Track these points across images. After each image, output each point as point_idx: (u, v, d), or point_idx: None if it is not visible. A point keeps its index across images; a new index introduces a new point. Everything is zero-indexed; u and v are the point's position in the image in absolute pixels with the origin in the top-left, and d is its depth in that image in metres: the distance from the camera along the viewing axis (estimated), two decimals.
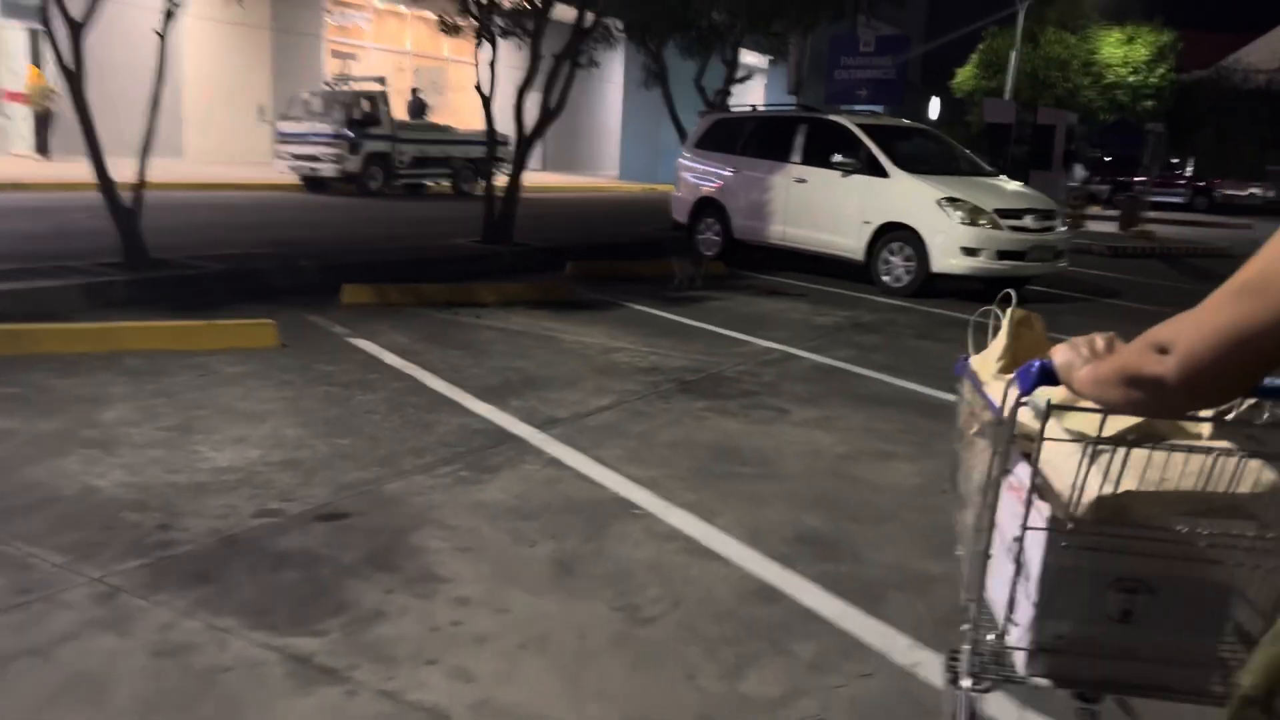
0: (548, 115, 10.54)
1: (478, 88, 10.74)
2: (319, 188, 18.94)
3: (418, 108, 22.00)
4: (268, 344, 5.71)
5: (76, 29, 6.89)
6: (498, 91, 10.18)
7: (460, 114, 27.34)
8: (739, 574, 3.07)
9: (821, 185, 10.32)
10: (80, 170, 7.55)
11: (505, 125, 10.90)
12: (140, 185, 7.48)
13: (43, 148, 18.38)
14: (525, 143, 10.75)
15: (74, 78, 6.94)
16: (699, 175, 11.83)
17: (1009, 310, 2.04)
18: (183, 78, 22.60)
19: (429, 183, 20.70)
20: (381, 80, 20.11)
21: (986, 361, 2.10)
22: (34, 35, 19.30)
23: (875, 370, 6.15)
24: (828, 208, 10.27)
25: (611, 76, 33.88)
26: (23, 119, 19.06)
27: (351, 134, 18.29)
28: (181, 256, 8.02)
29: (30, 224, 10.64)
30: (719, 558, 3.18)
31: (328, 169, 18.30)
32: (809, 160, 10.51)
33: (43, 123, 18.40)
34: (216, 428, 4.18)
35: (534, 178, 28.05)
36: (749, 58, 34.33)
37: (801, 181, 10.51)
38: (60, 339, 5.23)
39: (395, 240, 10.94)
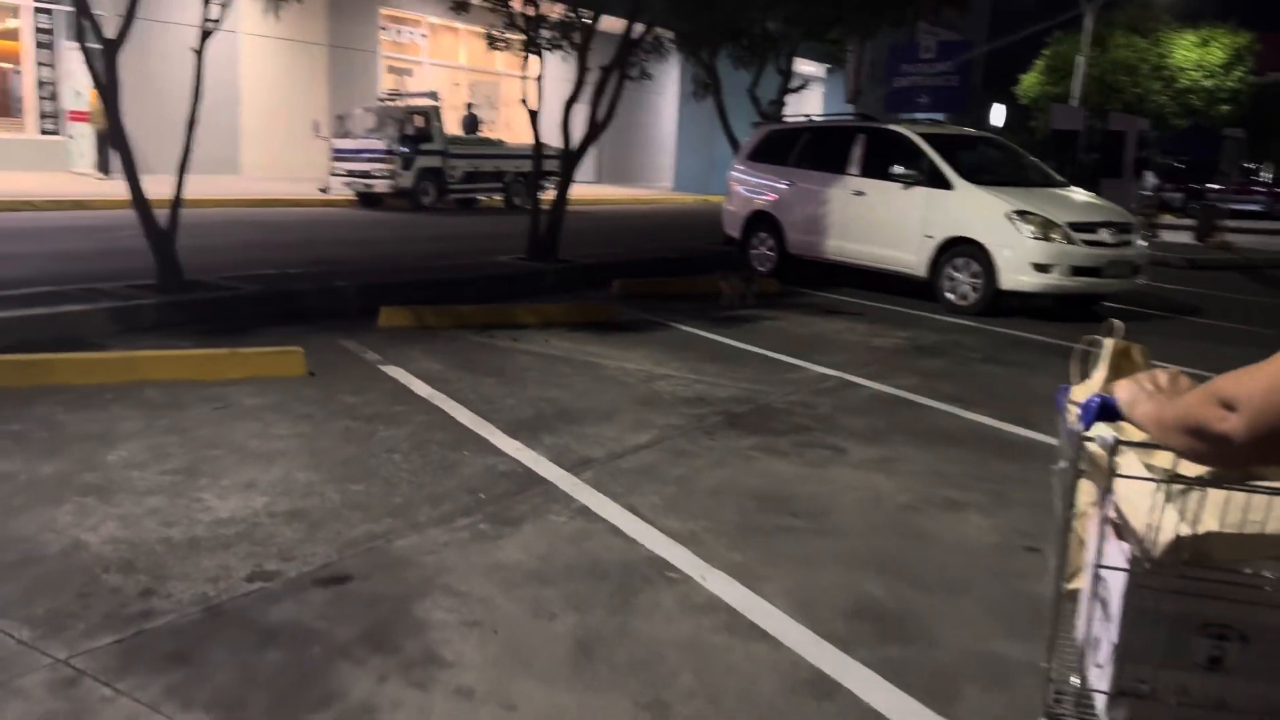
0: (595, 128, 10.21)
1: (523, 101, 10.49)
2: (373, 203, 18.91)
3: (471, 123, 21.92)
4: (294, 373, 5.44)
5: (110, 47, 6.71)
6: (551, 105, 9.87)
7: (515, 128, 27.25)
8: (788, 659, 2.65)
9: (881, 198, 9.84)
10: (152, 189, 7.39)
11: (556, 139, 10.59)
12: (176, 205, 7.29)
13: (103, 166, 18.57)
14: (572, 157, 10.44)
15: (109, 94, 6.77)
16: (752, 188, 11.42)
17: (1109, 339, 1.98)
18: (239, 95, 22.83)
19: (481, 197, 20.57)
20: (434, 95, 20.05)
21: (1085, 393, 1.90)
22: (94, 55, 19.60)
23: (941, 401, 5.68)
24: (887, 221, 9.79)
25: (666, 87, 33.61)
26: (85, 138, 19.33)
27: (404, 149, 18.22)
28: (217, 277, 7.83)
29: (78, 243, 10.61)
30: (765, 636, 2.77)
31: (381, 185, 18.25)
32: (867, 172, 10.03)
33: (103, 142, 18.58)
34: (225, 470, 3.89)
35: (587, 190, 27.87)
36: (806, 67, 33.90)
37: (859, 194, 10.04)
38: (74, 369, 5.01)
39: (440, 257, 10.71)
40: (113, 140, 6.89)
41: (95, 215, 14.03)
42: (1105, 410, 1.40)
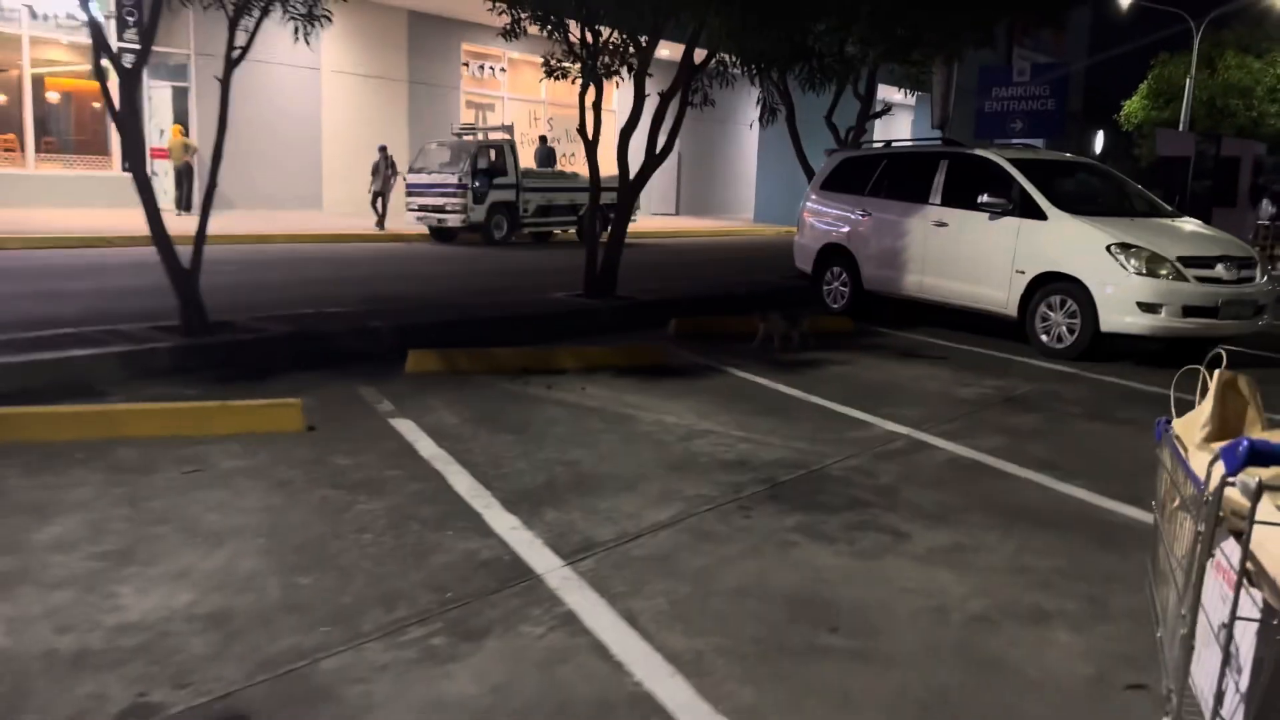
0: (654, 158, 9.61)
1: (580, 130, 9.95)
2: (446, 238, 18.70)
3: (546, 156, 21.62)
4: (290, 427, 4.91)
5: (130, 78, 6.38)
6: (633, 142, 9.28)
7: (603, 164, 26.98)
8: None
9: (965, 229, 8.97)
10: (212, 225, 7.09)
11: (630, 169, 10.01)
12: (199, 243, 6.91)
13: (183, 203, 18.78)
14: (631, 189, 9.84)
15: (129, 125, 6.43)
16: (825, 219, 10.65)
17: (1216, 372, 1.95)
18: (320, 131, 23.04)
19: (556, 231, 20.20)
20: (508, 129, 19.81)
21: (1190, 427, 2.02)
22: (175, 93, 19.96)
23: (1032, 468, 4.82)
24: (973, 255, 8.90)
25: (747, 117, 33.02)
26: (166, 175, 19.63)
27: (476, 184, 17.97)
28: (249, 317, 7.42)
29: (134, 279, 10.42)
30: None
31: (453, 219, 18.03)
32: (950, 201, 9.18)
33: (181, 179, 18.82)
34: (163, 554, 3.32)
35: (664, 223, 27.39)
36: (895, 95, 32.90)
37: (942, 225, 9.18)
38: (46, 425, 4.55)
39: (497, 294, 10.23)
40: (134, 172, 6.52)
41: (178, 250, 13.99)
42: (1254, 455, 1.35)
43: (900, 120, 36.13)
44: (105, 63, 6.39)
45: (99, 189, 19.38)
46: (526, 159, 21.01)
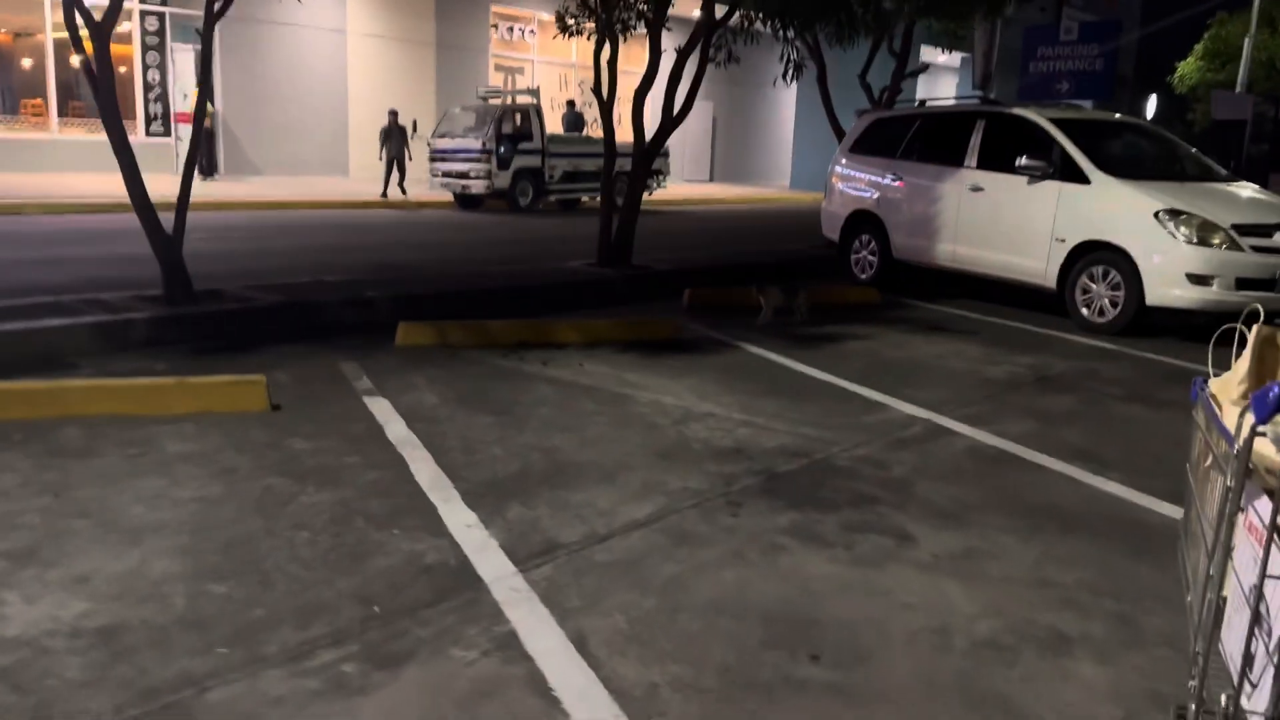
0: (670, 120, 9.12)
1: (595, 90, 9.48)
2: (471, 205, 18.32)
3: (574, 121, 21.11)
4: (253, 407, 4.56)
5: (102, 32, 6.01)
6: (651, 99, 8.77)
7: (626, 126, 26.40)
8: None
9: (1002, 194, 8.40)
10: (233, 190, 6.75)
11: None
12: (181, 209, 6.57)
13: (206, 169, 18.52)
14: (647, 152, 9.37)
15: (101, 79, 6.08)
16: (853, 184, 10.10)
17: (1255, 328, 1.90)
18: (346, 96, 22.70)
19: (583, 198, 19.73)
20: (534, 93, 19.31)
21: (1227, 386, 1.97)
22: (198, 56, 19.69)
23: (1063, 458, 4.35)
24: (1009, 222, 8.34)
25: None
26: (189, 140, 19.41)
27: (501, 149, 17.55)
28: (239, 286, 7.10)
29: (134, 246, 10.08)
30: None
31: (477, 186, 17.63)
32: (986, 164, 8.60)
33: (202, 142, 18.48)
34: (70, 554, 2.98)
35: (694, 189, 26.78)
36: (941, 57, 31.86)
37: (977, 190, 8.61)
38: None
39: (508, 263, 9.84)
40: (110, 133, 6.17)
41: (196, 216, 13.68)
42: None
43: (944, 81, 35.10)
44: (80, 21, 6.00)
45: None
46: (555, 124, 20.53)
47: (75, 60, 21.53)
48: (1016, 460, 4.34)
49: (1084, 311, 7.73)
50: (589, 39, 9.74)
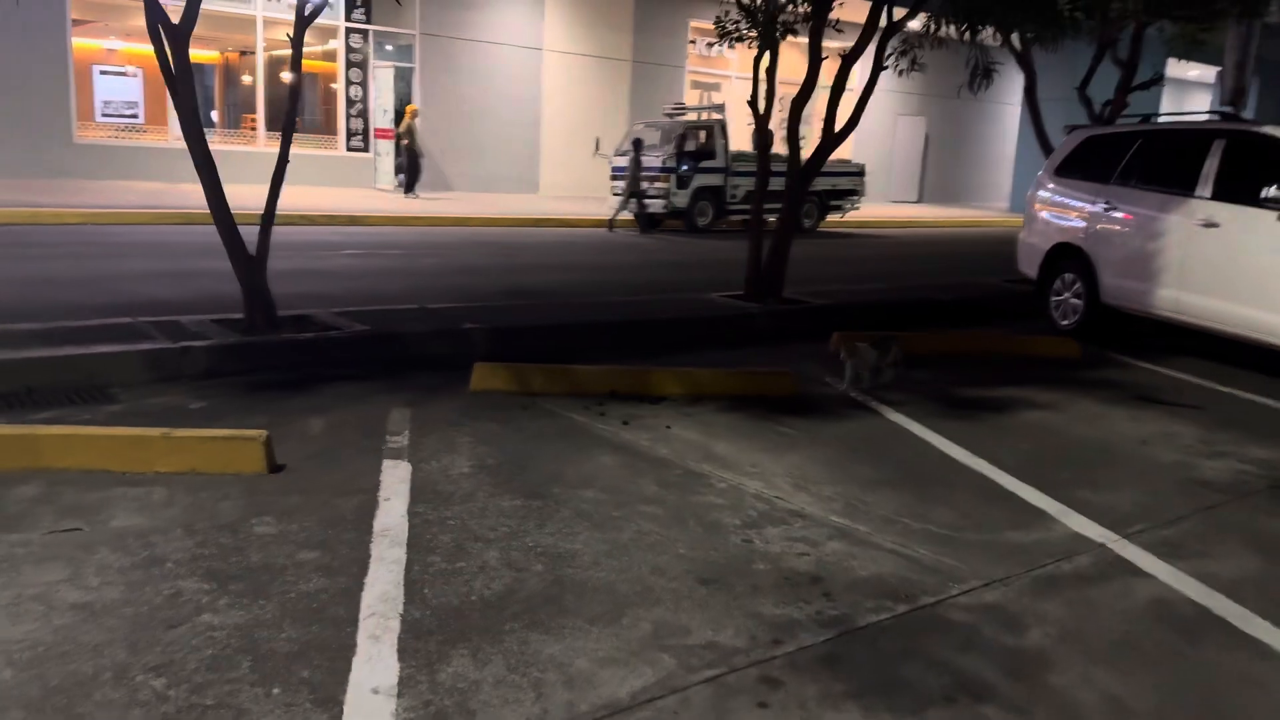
0: (833, 136, 7.95)
1: (750, 103, 8.49)
2: (650, 224, 17.63)
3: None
4: (249, 468, 3.85)
5: (179, 35, 5.57)
6: (873, 118, 7.69)
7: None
8: None
9: (1243, 232, 6.69)
10: (411, 205, 6.38)
11: (869, 152, 8.44)
12: (266, 228, 6.08)
13: (408, 186, 18.42)
14: (803, 172, 8.25)
15: (181, 84, 5.65)
16: (1058, 212, 8.53)
17: None
18: (540, 114, 22.63)
19: (769, 218, 18.58)
20: (719, 108, 18.42)
21: None
22: (398, 73, 20.07)
23: None
24: (1252, 266, 6.62)
25: (1010, 95, 29.69)
26: (388, 155, 19.80)
27: (682, 167, 16.77)
28: (331, 312, 6.57)
29: (280, 261, 9.92)
30: None
31: (654, 205, 16.90)
32: (1224, 194, 6.90)
33: (408, 160, 18.53)
34: None
35: (898, 211, 25.03)
36: (1191, 71, 28.46)
37: (1210, 225, 6.92)
38: None
39: (648, 290, 8.98)
40: (189, 144, 5.73)
41: (366, 231, 13.75)
42: None
43: (1195, 99, 31.44)
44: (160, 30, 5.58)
45: (325, 168, 19.86)
46: (744, 141, 19.55)
47: (286, 76, 22.62)
48: (1226, 629, 2.97)
49: None
50: (750, 47, 8.76)
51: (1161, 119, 8.45)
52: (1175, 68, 26.80)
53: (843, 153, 8.59)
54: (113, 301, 6.96)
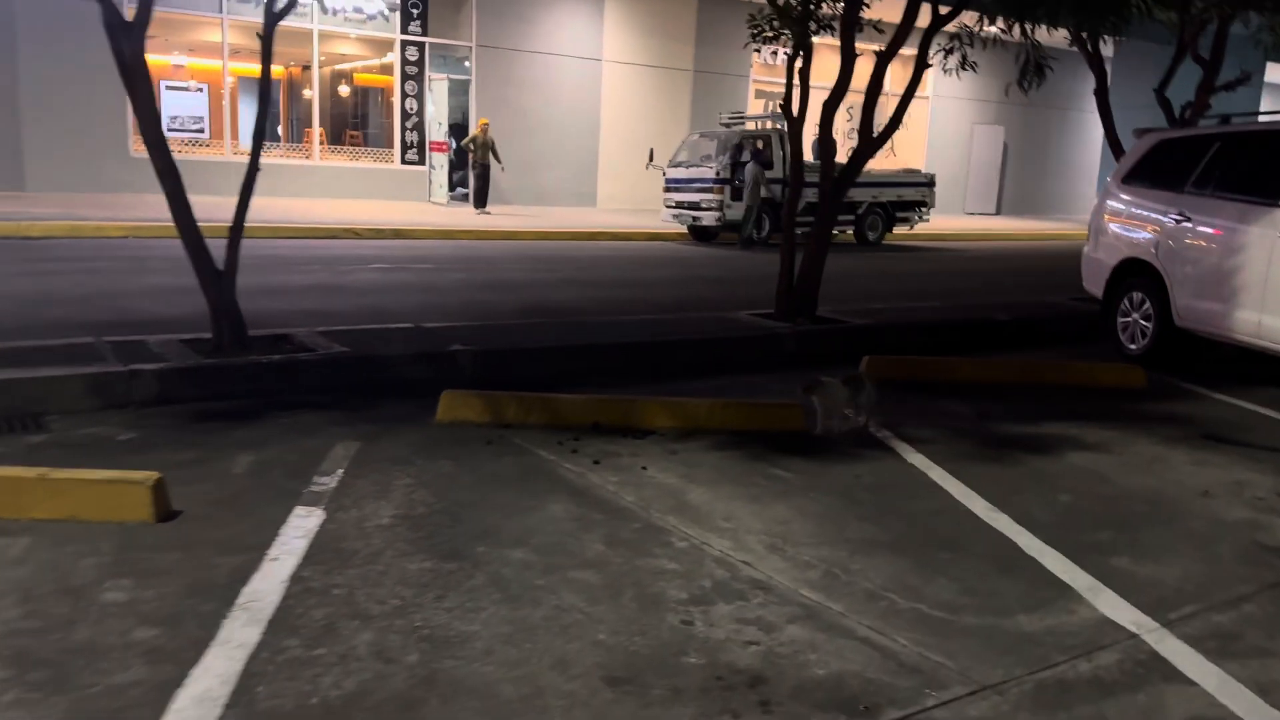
0: (870, 142, 7.28)
1: (783, 106, 7.87)
2: (704, 238, 17.04)
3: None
4: (135, 516, 3.38)
5: (135, 31, 5.20)
6: (950, 124, 7.07)
7: (898, 152, 24.11)
8: None
9: None
10: (460, 219, 6.02)
11: (944, 162, 7.80)
12: (234, 243, 5.66)
13: (479, 201, 17.98)
14: (838, 182, 7.59)
15: (133, 81, 5.27)
16: (1126, 224, 7.69)
17: None
18: (599, 125, 22.21)
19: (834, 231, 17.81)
20: (777, 117, 17.73)
21: None
22: (453, 85, 19.82)
23: None
24: None
25: (1093, 104, 28.26)
26: (441, 168, 19.59)
27: (737, 179, 16.15)
28: (308, 331, 6.14)
29: (303, 276, 9.65)
30: None
31: (708, 218, 16.32)
32: None
33: (481, 174, 18.19)
34: None
35: (971, 223, 23.92)
36: None
37: None
38: None
39: (676, 308, 8.43)
40: (150, 150, 5.36)
41: (406, 245, 13.46)
42: None
43: None
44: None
45: (381, 181, 19.74)
46: (807, 152, 18.81)
47: (344, 90, 22.67)
48: None
49: None
50: (784, 47, 8.16)
51: (1237, 119, 7.54)
52: (1275, 71, 25.18)
53: (914, 162, 7.90)
54: (100, 319, 6.65)
